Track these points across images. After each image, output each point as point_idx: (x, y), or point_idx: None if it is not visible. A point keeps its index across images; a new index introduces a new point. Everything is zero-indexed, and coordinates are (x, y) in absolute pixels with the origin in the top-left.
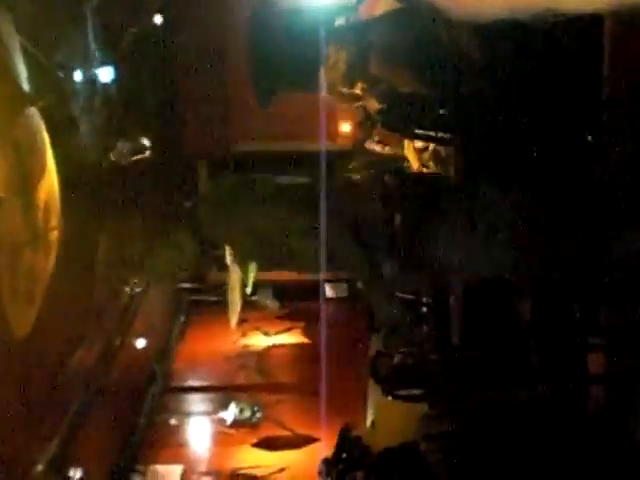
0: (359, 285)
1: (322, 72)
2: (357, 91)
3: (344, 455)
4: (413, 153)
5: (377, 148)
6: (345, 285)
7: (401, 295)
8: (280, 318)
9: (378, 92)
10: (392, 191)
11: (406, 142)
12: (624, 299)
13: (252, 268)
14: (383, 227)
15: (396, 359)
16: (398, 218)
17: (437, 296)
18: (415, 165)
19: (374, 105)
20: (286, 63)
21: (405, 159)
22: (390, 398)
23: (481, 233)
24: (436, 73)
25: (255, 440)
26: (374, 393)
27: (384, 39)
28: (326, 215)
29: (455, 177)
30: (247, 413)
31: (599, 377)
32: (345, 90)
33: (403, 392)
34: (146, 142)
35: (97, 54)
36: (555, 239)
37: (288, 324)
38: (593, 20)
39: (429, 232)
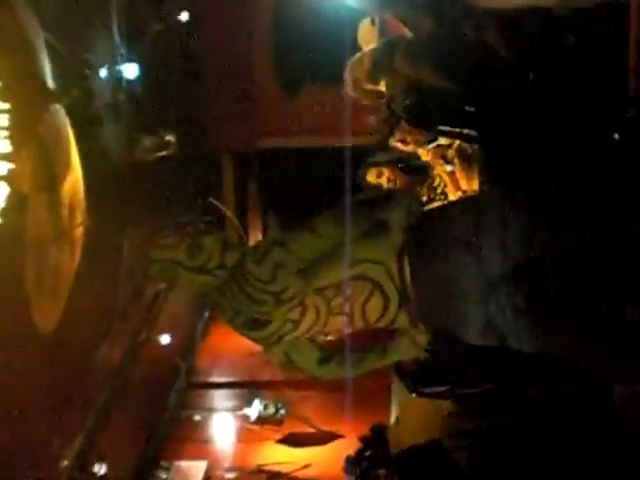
0: None
1: (347, 68)
2: (381, 87)
3: (368, 453)
4: (431, 155)
5: (399, 146)
6: None
7: None
8: None
9: (403, 88)
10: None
11: (421, 149)
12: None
13: None
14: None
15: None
16: None
17: None
18: (434, 165)
19: (398, 101)
20: (312, 58)
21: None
22: (414, 395)
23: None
24: (462, 69)
25: (279, 436)
26: (398, 389)
27: (409, 34)
28: None
29: (479, 174)
30: (271, 409)
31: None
32: (369, 87)
33: (428, 389)
34: (171, 138)
35: (122, 50)
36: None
37: None
38: (618, 8)
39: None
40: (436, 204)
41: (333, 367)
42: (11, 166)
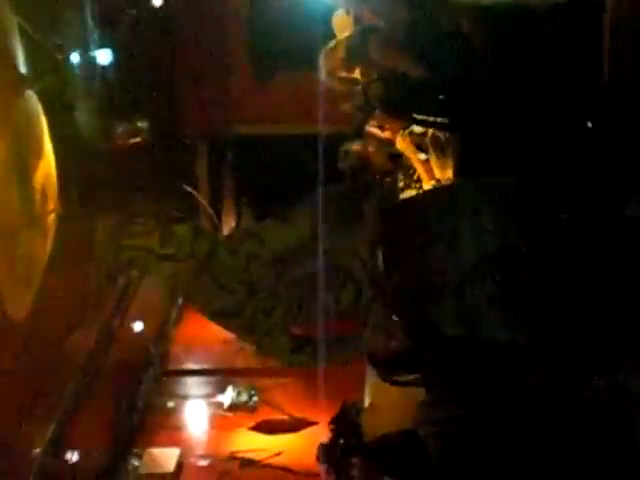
0: None
1: (321, 56)
2: (356, 75)
3: (341, 440)
4: (406, 144)
5: (376, 132)
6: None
7: None
8: None
9: (377, 77)
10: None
11: (398, 136)
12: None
13: None
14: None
15: (394, 343)
16: None
17: None
18: (409, 155)
19: (373, 90)
20: (286, 45)
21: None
22: (387, 383)
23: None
24: (436, 58)
25: (252, 424)
26: (372, 377)
27: (384, 23)
28: None
29: (453, 163)
30: (244, 396)
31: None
32: (344, 74)
33: (400, 377)
34: (144, 124)
35: (95, 36)
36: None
37: None
38: (594, 3)
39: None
40: (411, 191)
41: (305, 356)
42: None
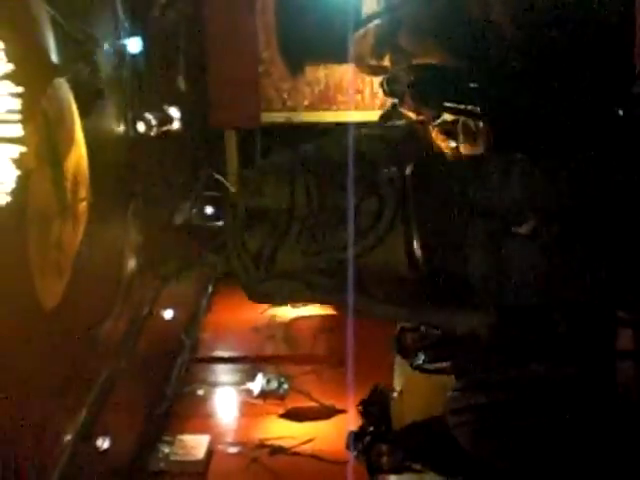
0: None
1: (351, 44)
2: (386, 63)
3: (370, 428)
4: (435, 132)
5: (412, 115)
6: None
7: None
8: None
9: (407, 65)
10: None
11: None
12: None
13: None
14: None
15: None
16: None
17: None
18: (438, 143)
19: (403, 78)
20: (315, 34)
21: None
22: (417, 371)
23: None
24: (466, 45)
25: (282, 411)
26: (400, 365)
27: (414, 11)
28: None
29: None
30: (274, 384)
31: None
32: (374, 62)
33: (429, 365)
34: (174, 113)
35: (125, 24)
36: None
37: None
38: None
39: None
40: None
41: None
42: (23, 149)
